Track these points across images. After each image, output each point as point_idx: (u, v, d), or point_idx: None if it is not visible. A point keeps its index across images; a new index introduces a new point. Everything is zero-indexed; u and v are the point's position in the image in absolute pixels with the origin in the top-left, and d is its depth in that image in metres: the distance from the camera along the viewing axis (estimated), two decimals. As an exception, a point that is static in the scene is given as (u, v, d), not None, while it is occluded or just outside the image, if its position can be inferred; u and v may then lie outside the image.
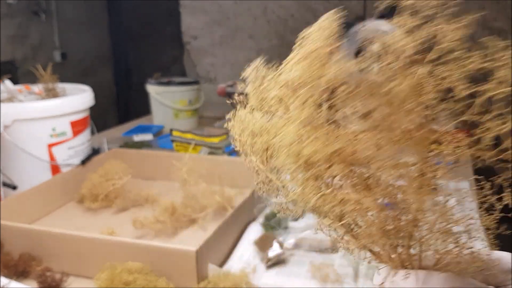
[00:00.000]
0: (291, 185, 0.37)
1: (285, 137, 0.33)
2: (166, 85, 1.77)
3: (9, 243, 0.85)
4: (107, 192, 1.08)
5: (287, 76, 0.35)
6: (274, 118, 0.37)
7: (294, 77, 0.34)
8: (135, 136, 1.62)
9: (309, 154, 0.32)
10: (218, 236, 0.84)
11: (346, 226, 0.35)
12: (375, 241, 0.33)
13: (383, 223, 0.32)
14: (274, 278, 0.81)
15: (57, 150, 1.17)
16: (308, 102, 0.33)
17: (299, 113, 0.33)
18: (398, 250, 0.34)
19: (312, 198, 0.33)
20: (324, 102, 0.33)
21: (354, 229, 0.35)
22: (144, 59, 2.97)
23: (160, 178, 1.26)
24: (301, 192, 0.35)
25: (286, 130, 0.34)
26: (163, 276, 0.75)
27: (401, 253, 0.34)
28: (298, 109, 0.33)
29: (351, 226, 0.35)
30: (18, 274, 0.82)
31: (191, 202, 1.01)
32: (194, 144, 1.34)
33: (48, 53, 2.46)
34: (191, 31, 2.77)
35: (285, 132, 0.33)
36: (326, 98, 0.33)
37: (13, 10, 2.21)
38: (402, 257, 0.34)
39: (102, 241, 0.81)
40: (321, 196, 0.33)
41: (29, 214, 1.04)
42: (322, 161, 0.32)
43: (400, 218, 0.33)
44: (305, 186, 0.33)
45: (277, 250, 0.85)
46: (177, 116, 1.78)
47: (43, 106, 1.14)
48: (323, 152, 0.31)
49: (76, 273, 0.83)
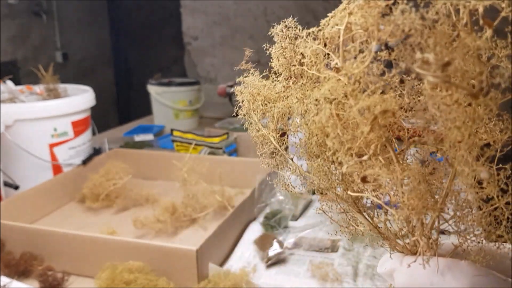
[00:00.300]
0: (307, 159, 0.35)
1: (330, 92, 0.30)
2: (166, 86, 1.78)
3: (11, 243, 0.86)
4: (108, 192, 1.08)
5: (335, 29, 0.32)
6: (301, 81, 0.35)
7: (352, 23, 0.31)
8: (135, 136, 1.62)
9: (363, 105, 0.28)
10: (218, 235, 0.84)
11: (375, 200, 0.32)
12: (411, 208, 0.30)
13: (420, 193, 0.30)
14: (274, 277, 0.81)
15: (58, 150, 1.18)
16: (365, 54, 0.30)
17: (350, 66, 0.30)
18: (423, 222, 0.32)
19: (344, 165, 0.31)
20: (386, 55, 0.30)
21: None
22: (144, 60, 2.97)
23: (161, 178, 1.27)
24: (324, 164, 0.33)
25: (329, 83, 0.30)
26: (164, 275, 0.76)
27: (420, 237, 0.32)
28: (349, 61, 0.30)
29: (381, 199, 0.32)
30: (20, 273, 0.82)
31: (191, 202, 1.01)
32: (194, 144, 1.34)
33: (50, 53, 2.46)
34: (191, 31, 2.78)
35: (329, 87, 0.30)
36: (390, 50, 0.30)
37: (14, 11, 2.21)
38: (419, 243, 0.32)
39: (103, 241, 0.81)
40: (356, 163, 0.30)
41: (30, 213, 1.04)
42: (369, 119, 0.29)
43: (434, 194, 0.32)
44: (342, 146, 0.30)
45: (277, 249, 0.86)
46: (177, 116, 1.79)
47: (44, 106, 1.14)
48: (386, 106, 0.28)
49: (77, 272, 0.84)
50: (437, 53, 0.26)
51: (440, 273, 0.30)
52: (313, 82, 0.35)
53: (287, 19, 0.36)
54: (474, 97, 0.28)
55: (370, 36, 0.31)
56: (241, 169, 1.17)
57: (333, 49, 0.33)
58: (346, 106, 0.30)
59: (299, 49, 0.35)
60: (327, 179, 0.34)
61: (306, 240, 0.90)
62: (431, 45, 0.27)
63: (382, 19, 0.30)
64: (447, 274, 0.30)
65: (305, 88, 0.35)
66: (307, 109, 0.33)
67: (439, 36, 0.27)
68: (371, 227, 0.34)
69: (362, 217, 0.35)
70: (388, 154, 0.31)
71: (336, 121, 0.30)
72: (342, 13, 0.33)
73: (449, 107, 0.28)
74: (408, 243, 0.34)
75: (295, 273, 0.82)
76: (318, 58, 0.34)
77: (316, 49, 0.34)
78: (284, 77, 0.37)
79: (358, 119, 0.29)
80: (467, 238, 0.32)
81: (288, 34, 0.36)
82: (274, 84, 0.37)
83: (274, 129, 0.37)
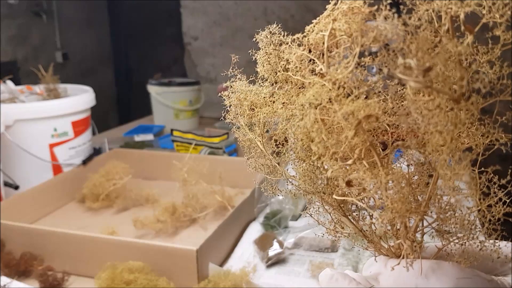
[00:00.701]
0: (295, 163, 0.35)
1: (314, 97, 0.30)
2: (166, 86, 1.78)
3: (11, 243, 0.86)
4: (108, 192, 1.08)
5: (319, 35, 0.33)
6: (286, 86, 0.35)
7: (336, 29, 0.32)
8: (136, 136, 1.62)
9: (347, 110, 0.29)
10: (219, 235, 0.84)
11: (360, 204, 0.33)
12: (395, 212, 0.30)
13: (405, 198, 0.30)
14: (274, 277, 0.81)
15: (58, 150, 1.18)
16: (349, 59, 0.30)
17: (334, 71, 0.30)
18: (406, 226, 0.32)
19: (329, 170, 0.31)
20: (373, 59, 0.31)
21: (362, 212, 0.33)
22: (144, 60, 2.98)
23: (161, 178, 1.27)
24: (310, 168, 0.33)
25: (314, 89, 0.31)
26: (164, 275, 0.76)
27: (403, 241, 0.32)
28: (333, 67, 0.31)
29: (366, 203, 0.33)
30: (20, 273, 0.82)
31: (191, 202, 1.01)
32: (194, 144, 1.34)
33: (50, 53, 2.46)
34: (191, 31, 2.78)
35: (313, 93, 0.30)
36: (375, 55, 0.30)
37: (14, 11, 2.21)
38: (403, 246, 0.32)
39: (103, 241, 0.81)
40: (340, 168, 0.31)
41: (31, 213, 1.04)
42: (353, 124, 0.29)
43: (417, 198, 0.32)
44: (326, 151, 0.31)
45: (277, 249, 0.86)
46: (177, 116, 1.79)
47: (44, 107, 1.14)
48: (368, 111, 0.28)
49: (77, 272, 0.84)
50: (419, 59, 0.26)
51: (424, 275, 0.30)
52: (298, 88, 0.35)
53: (271, 25, 0.36)
54: (456, 102, 0.28)
55: (354, 42, 0.31)
56: (241, 169, 1.17)
57: (318, 55, 0.33)
58: (331, 112, 0.30)
59: (284, 55, 0.36)
60: (312, 184, 0.34)
61: (306, 240, 0.90)
62: (413, 51, 0.27)
63: (365, 25, 0.30)
64: (431, 276, 0.30)
65: (290, 94, 0.35)
66: (292, 114, 0.34)
67: (421, 41, 0.27)
68: (356, 230, 0.35)
69: (348, 220, 0.35)
70: (373, 158, 0.31)
71: (321, 126, 0.30)
72: (326, 20, 0.33)
73: (431, 111, 0.28)
74: (393, 246, 0.34)
75: (295, 273, 0.82)
76: (303, 64, 0.34)
77: (301, 55, 0.34)
78: (270, 83, 0.37)
79: (343, 124, 0.30)
80: (450, 241, 0.32)
81: (273, 40, 0.36)
82: (260, 89, 0.37)
83: (261, 133, 0.37)
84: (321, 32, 0.33)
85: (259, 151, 0.37)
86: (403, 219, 0.31)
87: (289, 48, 0.35)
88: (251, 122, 0.37)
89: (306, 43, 0.34)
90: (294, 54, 0.34)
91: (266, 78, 0.37)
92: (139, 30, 2.94)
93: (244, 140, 0.38)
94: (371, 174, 0.30)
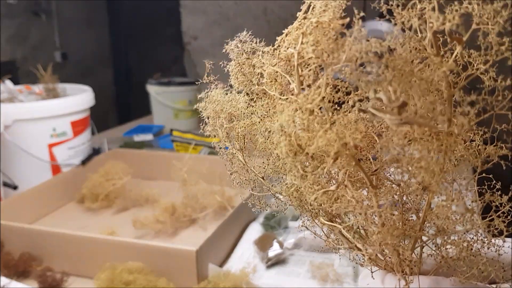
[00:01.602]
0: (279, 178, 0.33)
1: (286, 123, 0.27)
2: (166, 85, 1.77)
3: (10, 243, 0.85)
4: (107, 192, 1.08)
5: (289, 51, 0.29)
6: (262, 99, 0.32)
7: (303, 49, 0.28)
8: (135, 136, 1.62)
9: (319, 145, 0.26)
10: (218, 236, 0.84)
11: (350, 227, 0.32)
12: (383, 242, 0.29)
13: (392, 224, 0.29)
14: (274, 278, 0.81)
15: (57, 150, 1.17)
16: (321, 81, 0.27)
17: (307, 94, 0.27)
18: (399, 253, 0.31)
19: (313, 194, 0.29)
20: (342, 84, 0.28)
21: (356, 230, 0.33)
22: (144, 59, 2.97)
23: (160, 178, 1.26)
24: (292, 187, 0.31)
25: (286, 113, 0.27)
26: (163, 276, 0.75)
27: (402, 256, 0.31)
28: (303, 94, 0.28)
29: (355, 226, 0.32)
30: (19, 274, 0.82)
31: (191, 202, 1.01)
32: (194, 144, 1.34)
33: (49, 53, 2.46)
34: (191, 31, 2.77)
35: (286, 116, 0.27)
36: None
37: (14, 10, 2.21)
38: (402, 261, 0.31)
39: (103, 241, 0.81)
40: (324, 193, 0.28)
41: (30, 214, 1.04)
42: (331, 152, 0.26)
43: (408, 218, 0.31)
44: (303, 180, 0.28)
45: (277, 249, 0.85)
46: (177, 116, 1.79)
47: (43, 106, 1.14)
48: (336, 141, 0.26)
49: (76, 273, 0.83)
50: (394, 91, 0.24)
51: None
52: (274, 100, 0.33)
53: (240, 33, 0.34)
54: (437, 136, 0.26)
55: (323, 62, 0.28)
56: (241, 169, 1.17)
57: (290, 70, 0.31)
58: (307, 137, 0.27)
59: (257, 67, 0.33)
60: (298, 202, 0.33)
61: (306, 240, 0.89)
62: (388, 78, 0.24)
63: (335, 44, 0.27)
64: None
65: (267, 107, 0.33)
66: (270, 131, 0.32)
67: (396, 70, 0.24)
68: (351, 245, 0.34)
69: (342, 236, 0.34)
70: (360, 176, 0.29)
71: (294, 155, 0.27)
72: (297, 31, 0.30)
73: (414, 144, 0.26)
74: (390, 261, 0.33)
75: (296, 273, 0.82)
76: (277, 79, 0.32)
77: (273, 71, 0.32)
78: (246, 93, 0.35)
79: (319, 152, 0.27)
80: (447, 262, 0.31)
81: (244, 49, 0.34)
82: (237, 99, 0.35)
83: (241, 148, 0.35)
84: (290, 49, 0.30)
85: (242, 165, 0.35)
86: (395, 247, 0.30)
87: (260, 62, 0.32)
88: (230, 135, 0.35)
89: (278, 56, 0.31)
90: (267, 69, 0.32)
91: (241, 91, 0.34)
92: (138, 30, 2.94)
93: (225, 154, 0.36)
94: (355, 203, 0.28)
